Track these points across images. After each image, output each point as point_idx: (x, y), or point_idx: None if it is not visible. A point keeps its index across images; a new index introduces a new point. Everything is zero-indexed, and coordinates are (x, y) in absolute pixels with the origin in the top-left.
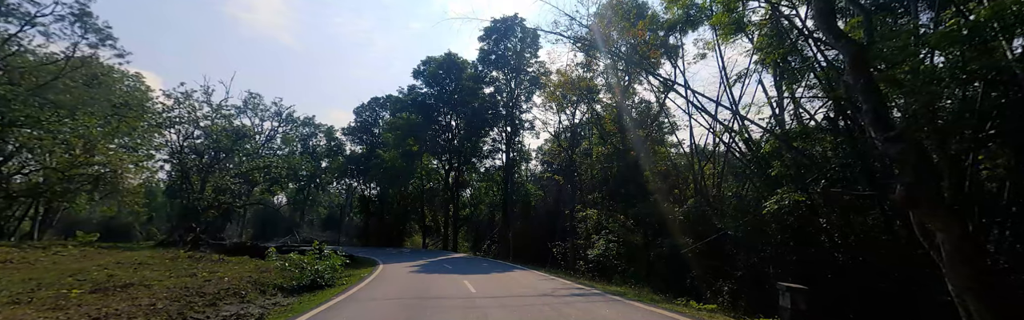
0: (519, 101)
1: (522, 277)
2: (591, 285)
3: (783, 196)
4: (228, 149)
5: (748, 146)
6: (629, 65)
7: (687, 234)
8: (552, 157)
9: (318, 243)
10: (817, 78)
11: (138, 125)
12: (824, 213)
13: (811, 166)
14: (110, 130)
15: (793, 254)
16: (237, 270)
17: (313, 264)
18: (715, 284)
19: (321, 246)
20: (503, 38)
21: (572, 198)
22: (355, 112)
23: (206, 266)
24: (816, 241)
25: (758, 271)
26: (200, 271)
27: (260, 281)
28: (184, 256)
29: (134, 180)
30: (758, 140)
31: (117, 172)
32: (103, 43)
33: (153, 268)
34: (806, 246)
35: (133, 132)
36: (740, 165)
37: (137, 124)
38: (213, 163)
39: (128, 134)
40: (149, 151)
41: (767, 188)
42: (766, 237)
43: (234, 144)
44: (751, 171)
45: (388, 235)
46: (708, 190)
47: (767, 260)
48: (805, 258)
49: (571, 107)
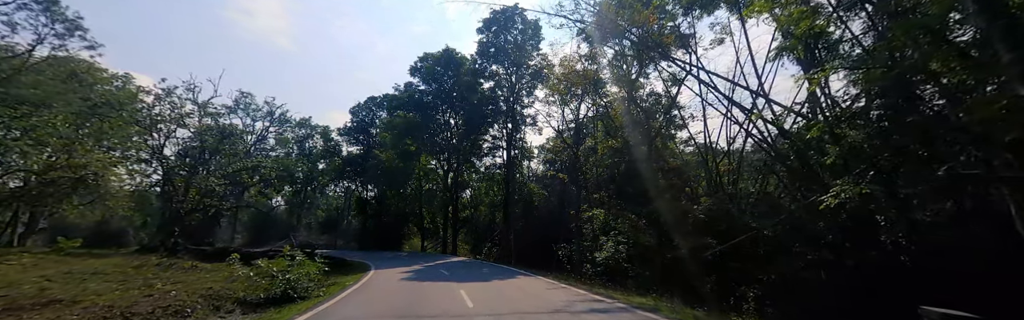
0: (520, 96)
1: (527, 285)
2: (611, 295)
3: (845, 188)
4: (214, 149)
5: (781, 134)
6: (640, 50)
7: (707, 234)
8: (555, 154)
9: (289, 247)
10: (861, 53)
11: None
12: (883, 209)
13: (861, 153)
14: (93, 131)
15: (850, 257)
16: (202, 280)
17: (284, 272)
18: (738, 289)
19: (293, 251)
20: (503, 30)
21: (577, 197)
22: (351, 112)
23: (172, 275)
24: (876, 243)
25: (796, 276)
26: (161, 281)
27: (219, 294)
28: (153, 264)
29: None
30: (791, 129)
31: (98, 174)
32: (71, 33)
33: (106, 279)
34: (864, 249)
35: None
36: (764, 158)
37: (117, 124)
38: (197, 164)
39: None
40: (126, 152)
41: (809, 180)
42: (811, 238)
43: (220, 144)
44: (787, 163)
45: (386, 238)
46: (723, 186)
47: (816, 264)
48: (866, 262)
49: (575, 101)
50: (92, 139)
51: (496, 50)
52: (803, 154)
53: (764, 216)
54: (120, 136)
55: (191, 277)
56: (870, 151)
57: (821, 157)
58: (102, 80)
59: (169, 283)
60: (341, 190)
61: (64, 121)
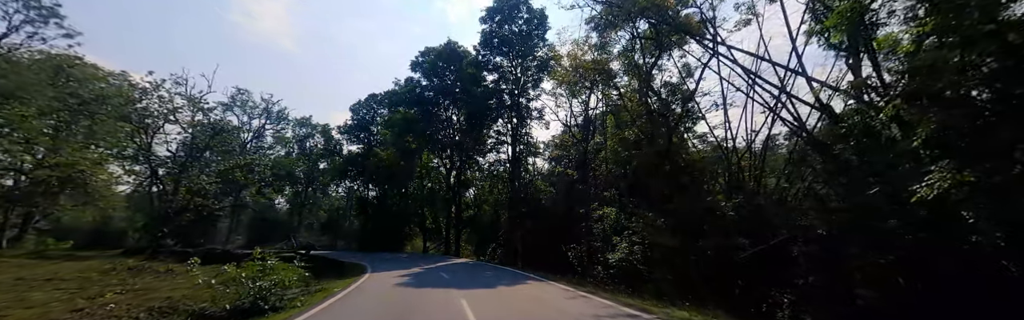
0: (526, 88)
1: (540, 292)
2: (644, 307)
3: (943, 176)
4: (205, 145)
5: (829, 116)
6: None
7: (738, 234)
8: (563, 150)
9: (260, 250)
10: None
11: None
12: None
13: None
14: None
15: (937, 260)
16: (168, 287)
17: (254, 279)
18: (769, 294)
19: (264, 254)
20: (507, 20)
21: (587, 195)
22: (352, 110)
23: (139, 281)
24: (968, 243)
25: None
26: (118, 289)
27: (175, 306)
28: (125, 267)
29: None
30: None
31: (86, 173)
32: (46, 20)
33: (59, 286)
34: (949, 252)
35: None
36: (798, 148)
37: (102, 119)
38: (188, 161)
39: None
40: (112, 148)
41: (878, 168)
42: (880, 238)
43: (211, 140)
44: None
45: (387, 239)
46: (745, 182)
47: (894, 268)
48: (961, 268)
49: (585, 93)
50: (81, 136)
51: (500, 41)
52: (866, 137)
53: (808, 213)
54: (106, 132)
55: (160, 283)
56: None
57: (893, 141)
58: (96, 78)
59: (128, 291)
60: (343, 190)
61: (39, 113)
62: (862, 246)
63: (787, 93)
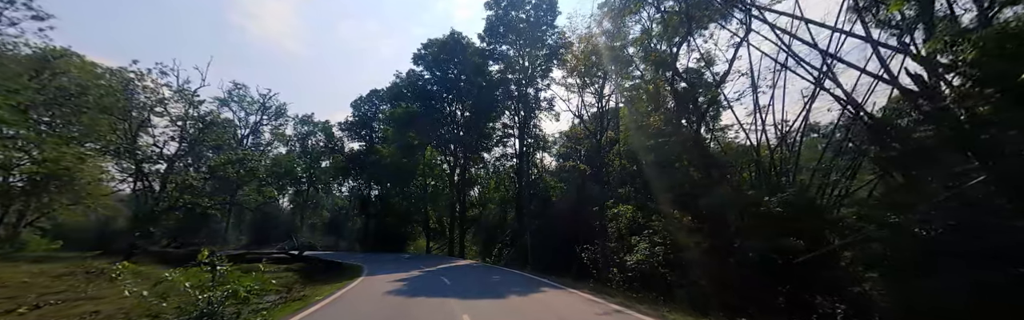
0: (534, 78)
1: (562, 304)
2: None
3: None
4: (193, 139)
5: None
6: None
7: (786, 234)
8: (575, 143)
9: (207, 252)
10: None
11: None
12: None
13: None
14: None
15: None
16: (119, 295)
17: (201, 290)
18: (815, 304)
19: (213, 258)
20: (514, 5)
21: (601, 192)
22: (353, 106)
23: (94, 286)
24: None
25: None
26: (68, 296)
27: None
28: (83, 271)
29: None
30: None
31: (70, 169)
32: (11, 3)
33: None
34: None
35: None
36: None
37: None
38: (175, 156)
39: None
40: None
41: None
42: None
43: (200, 133)
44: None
45: (389, 239)
46: (776, 175)
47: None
48: None
49: (598, 82)
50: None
51: (506, 29)
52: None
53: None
54: (86, 124)
55: (110, 291)
56: None
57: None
58: (90, 74)
59: (63, 301)
60: (346, 190)
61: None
62: (971, 250)
63: (841, 61)
